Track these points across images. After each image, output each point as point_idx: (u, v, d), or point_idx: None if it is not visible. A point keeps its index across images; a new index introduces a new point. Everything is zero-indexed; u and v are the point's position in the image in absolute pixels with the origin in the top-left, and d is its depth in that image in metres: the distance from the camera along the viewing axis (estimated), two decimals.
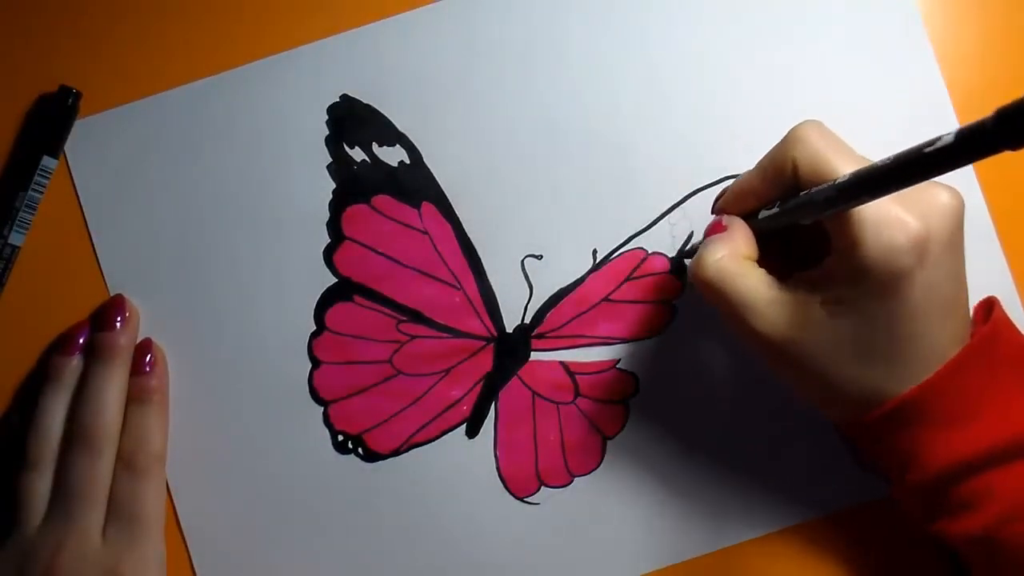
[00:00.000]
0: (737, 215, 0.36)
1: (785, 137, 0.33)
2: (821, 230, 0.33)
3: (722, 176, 0.39)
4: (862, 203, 0.30)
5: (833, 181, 0.30)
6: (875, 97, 0.39)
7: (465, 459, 0.39)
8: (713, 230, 0.36)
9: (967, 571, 0.36)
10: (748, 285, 0.33)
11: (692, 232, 0.39)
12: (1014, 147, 0.23)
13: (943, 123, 0.39)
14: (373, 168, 0.40)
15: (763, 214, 0.35)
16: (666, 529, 0.39)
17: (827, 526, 0.39)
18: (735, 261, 0.34)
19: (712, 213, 0.38)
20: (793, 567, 0.39)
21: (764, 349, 0.33)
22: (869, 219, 0.30)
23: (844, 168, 0.31)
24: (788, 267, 0.34)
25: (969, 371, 0.32)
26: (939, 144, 0.25)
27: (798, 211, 0.32)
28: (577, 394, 0.40)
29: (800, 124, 0.33)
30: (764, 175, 0.34)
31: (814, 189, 0.31)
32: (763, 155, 0.34)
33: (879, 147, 0.33)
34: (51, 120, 0.39)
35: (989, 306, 0.35)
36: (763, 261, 0.35)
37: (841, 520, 0.39)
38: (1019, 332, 0.35)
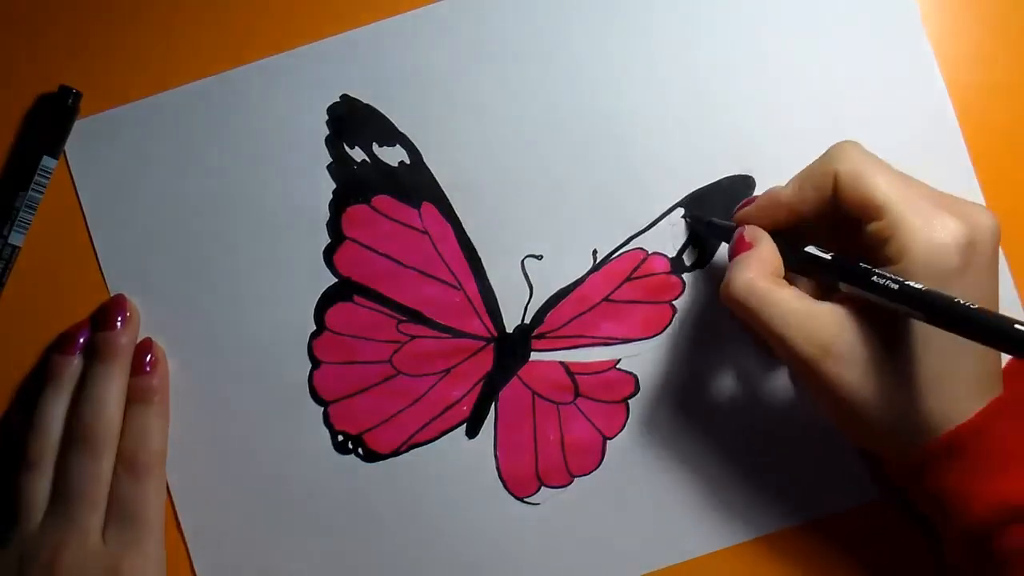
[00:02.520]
0: (763, 227, 0.35)
1: (826, 152, 0.34)
2: (857, 244, 0.33)
3: (722, 176, 0.39)
4: (925, 320, 0.29)
5: (915, 286, 0.30)
6: (875, 97, 0.39)
7: (465, 459, 0.39)
8: (739, 248, 0.35)
9: None
10: (781, 302, 0.32)
11: (691, 233, 0.39)
12: None
13: (943, 123, 0.39)
14: (373, 168, 0.40)
15: (811, 249, 0.34)
16: (666, 529, 0.39)
17: (828, 527, 0.39)
18: (765, 279, 0.33)
19: (733, 220, 0.37)
20: (793, 567, 0.39)
21: (802, 367, 0.33)
22: (917, 225, 0.31)
23: (883, 183, 0.31)
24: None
25: (1014, 412, 0.31)
26: None
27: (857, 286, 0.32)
28: (577, 394, 0.40)
29: (841, 141, 0.34)
30: (801, 188, 0.34)
31: (895, 281, 0.30)
32: (798, 171, 0.34)
33: (879, 147, 0.33)
34: (51, 120, 0.39)
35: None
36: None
37: (841, 521, 0.39)
38: None
